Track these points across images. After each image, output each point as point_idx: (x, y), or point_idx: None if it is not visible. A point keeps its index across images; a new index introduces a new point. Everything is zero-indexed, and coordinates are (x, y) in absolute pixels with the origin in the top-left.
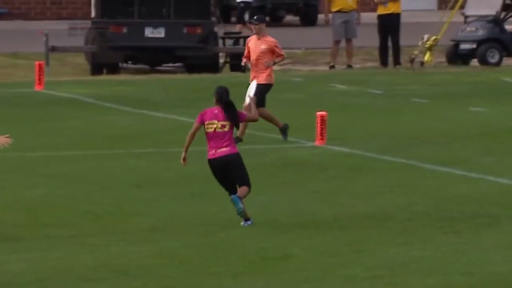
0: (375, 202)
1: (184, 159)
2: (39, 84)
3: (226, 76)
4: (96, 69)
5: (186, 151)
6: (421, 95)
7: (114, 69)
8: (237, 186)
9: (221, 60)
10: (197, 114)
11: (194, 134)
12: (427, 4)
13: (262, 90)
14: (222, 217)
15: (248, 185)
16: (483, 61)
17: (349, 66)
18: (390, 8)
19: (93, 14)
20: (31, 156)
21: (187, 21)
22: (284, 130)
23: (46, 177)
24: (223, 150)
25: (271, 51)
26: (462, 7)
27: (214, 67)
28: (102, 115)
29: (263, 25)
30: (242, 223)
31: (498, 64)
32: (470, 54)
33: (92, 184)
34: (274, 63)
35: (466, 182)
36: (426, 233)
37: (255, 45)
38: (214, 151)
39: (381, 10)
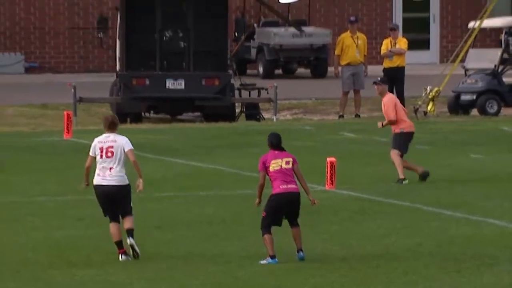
0: (382, 243)
1: (258, 203)
2: (68, 132)
3: (242, 125)
4: (121, 118)
5: (259, 197)
6: (424, 142)
7: (137, 119)
8: (290, 223)
9: (237, 110)
10: (215, 160)
11: (263, 183)
12: (430, 58)
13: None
14: (239, 256)
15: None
16: (483, 111)
17: (357, 115)
18: (395, 62)
19: (118, 68)
20: (61, 200)
21: (205, 73)
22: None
23: (74, 220)
24: (293, 187)
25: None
26: (462, 60)
27: (230, 116)
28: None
29: (385, 87)
30: (263, 261)
31: (496, 114)
32: (470, 104)
33: None
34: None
35: (467, 224)
36: (430, 272)
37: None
38: (285, 186)
39: (387, 64)
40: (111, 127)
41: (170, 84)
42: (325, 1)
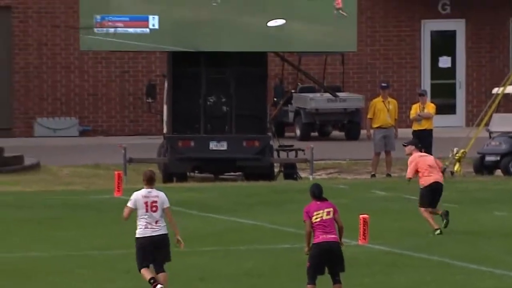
0: None
1: (308, 251)
2: (118, 191)
3: (280, 184)
4: (167, 177)
5: (308, 245)
6: (451, 200)
7: (182, 178)
8: (332, 278)
9: (276, 169)
10: (255, 216)
11: (310, 231)
12: (456, 121)
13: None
14: None
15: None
16: (506, 172)
17: (388, 175)
18: (424, 125)
19: (165, 130)
20: (110, 254)
21: (246, 135)
22: None
23: (122, 272)
24: (332, 237)
25: None
26: (487, 124)
27: (270, 176)
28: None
29: (413, 148)
30: None
31: None
32: (494, 165)
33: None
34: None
35: (492, 277)
36: None
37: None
38: (325, 236)
39: (416, 127)
40: (150, 182)
41: (213, 145)
42: (358, 68)
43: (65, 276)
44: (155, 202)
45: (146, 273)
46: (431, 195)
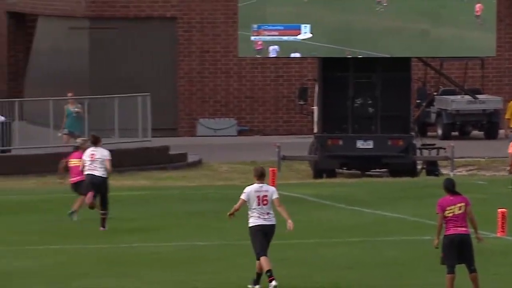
0: None
1: (437, 244)
2: (273, 186)
3: (422, 180)
4: (318, 174)
5: (437, 238)
6: None
7: (332, 174)
8: (468, 268)
9: (419, 167)
10: (398, 210)
11: (441, 224)
12: None
13: None
14: None
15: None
16: None
17: None
18: None
19: (315, 130)
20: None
21: (391, 135)
22: None
23: (278, 260)
24: (463, 230)
25: None
26: None
27: (413, 172)
28: (321, 211)
29: None
30: None
31: None
32: None
33: (311, 266)
34: None
35: None
36: None
37: None
38: (455, 229)
39: None
40: (261, 177)
41: (360, 144)
42: (497, 72)
43: (227, 265)
44: (266, 196)
45: (265, 263)
46: None
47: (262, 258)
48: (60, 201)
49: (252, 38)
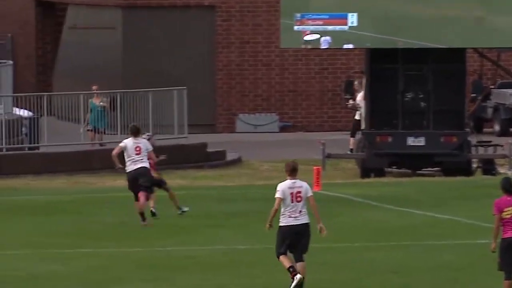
0: None
1: (494, 248)
2: (317, 185)
3: (478, 179)
4: (365, 173)
5: (495, 241)
6: None
7: (380, 173)
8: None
9: (474, 165)
10: (452, 211)
11: (498, 226)
12: None
13: None
14: None
15: None
16: None
17: None
18: None
19: (363, 126)
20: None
21: (444, 131)
22: None
23: (318, 265)
24: None
25: None
26: None
27: (467, 171)
28: (368, 212)
29: None
30: None
31: None
32: None
33: (358, 271)
34: None
35: None
36: None
37: None
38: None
39: None
40: (293, 173)
41: (411, 141)
42: None
43: (266, 269)
44: (300, 192)
45: (285, 261)
46: None
47: (282, 257)
48: (90, 201)
49: (296, 28)
